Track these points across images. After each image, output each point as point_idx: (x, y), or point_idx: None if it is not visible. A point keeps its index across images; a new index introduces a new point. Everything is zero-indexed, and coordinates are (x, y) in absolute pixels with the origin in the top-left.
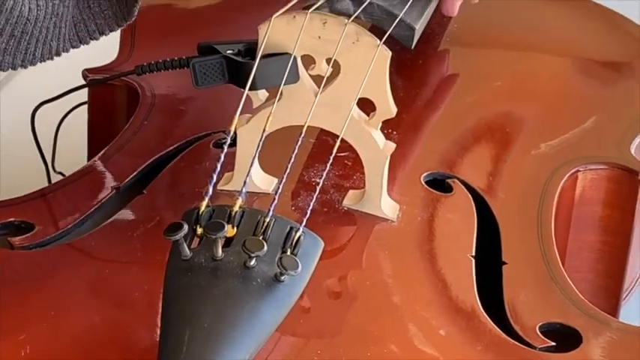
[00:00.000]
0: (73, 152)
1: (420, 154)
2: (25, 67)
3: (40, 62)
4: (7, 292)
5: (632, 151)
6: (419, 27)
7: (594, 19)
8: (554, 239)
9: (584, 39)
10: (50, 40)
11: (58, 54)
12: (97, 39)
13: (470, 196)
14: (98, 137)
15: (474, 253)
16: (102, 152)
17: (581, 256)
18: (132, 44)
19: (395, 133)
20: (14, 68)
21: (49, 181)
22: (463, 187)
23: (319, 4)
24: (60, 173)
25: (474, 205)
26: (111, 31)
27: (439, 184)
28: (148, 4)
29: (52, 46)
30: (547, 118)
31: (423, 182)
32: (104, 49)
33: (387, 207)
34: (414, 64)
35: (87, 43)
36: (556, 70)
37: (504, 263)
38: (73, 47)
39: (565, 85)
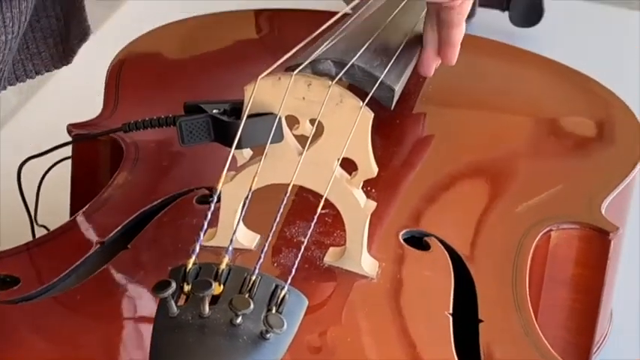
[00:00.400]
0: (57, 206)
1: (398, 212)
2: None
3: None
4: None
5: (603, 212)
6: (398, 88)
7: (563, 81)
8: (528, 297)
9: (555, 100)
10: None
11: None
12: (32, 78)
13: (447, 253)
14: (82, 191)
15: (451, 311)
16: (86, 207)
17: (554, 313)
18: (116, 99)
19: (374, 190)
20: None
21: (33, 234)
22: (440, 245)
23: (303, 65)
24: (43, 226)
25: (450, 262)
26: (47, 71)
27: (417, 241)
28: (134, 57)
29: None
30: (521, 178)
31: (401, 240)
32: (88, 102)
33: (367, 264)
34: (391, 124)
35: (23, 81)
36: (529, 131)
37: (481, 321)
38: (10, 85)
39: (538, 146)
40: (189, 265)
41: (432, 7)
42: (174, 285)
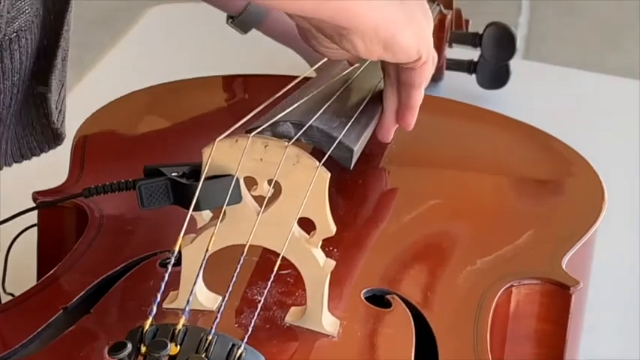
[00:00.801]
0: (24, 272)
1: (360, 271)
2: None
3: None
4: None
5: (564, 266)
6: (357, 148)
7: (526, 139)
8: (489, 353)
9: (518, 158)
10: None
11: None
12: (37, 155)
13: (408, 311)
14: (48, 258)
15: None
16: (50, 272)
17: None
18: (81, 167)
19: (335, 250)
20: None
21: None
22: (402, 302)
23: (261, 127)
24: (10, 294)
25: (412, 320)
26: (50, 149)
27: (379, 299)
28: (99, 126)
29: None
30: (482, 234)
31: (363, 298)
32: (55, 172)
33: (328, 323)
34: (354, 184)
35: (29, 159)
36: (489, 188)
37: None
38: (16, 162)
39: (498, 203)
40: (147, 326)
41: (393, 68)
42: (130, 346)
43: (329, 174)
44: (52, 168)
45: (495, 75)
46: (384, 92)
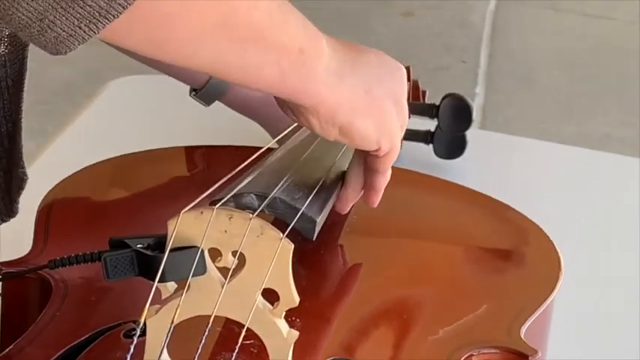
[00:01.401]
0: None
1: (324, 341)
2: None
3: None
4: None
5: (522, 335)
6: (320, 219)
7: (483, 209)
8: None
9: (475, 228)
10: None
11: None
12: None
13: None
14: (11, 329)
15: None
16: (14, 344)
17: None
18: (46, 237)
19: (298, 320)
20: None
21: None
22: None
23: (225, 199)
24: None
25: None
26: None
27: None
28: (62, 197)
29: None
30: (442, 304)
31: None
32: (19, 243)
33: None
34: (316, 254)
35: None
36: (450, 259)
37: None
38: None
39: (458, 272)
40: None
41: (360, 150)
42: None
43: (292, 245)
44: (14, 237)
45: (452, 145)
46: (350, 169)
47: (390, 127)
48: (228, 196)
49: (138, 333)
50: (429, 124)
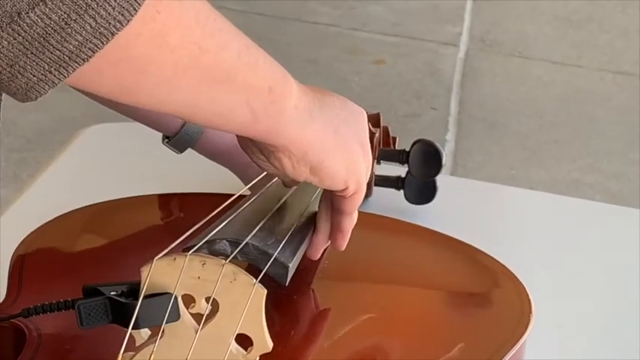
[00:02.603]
0: None
1: None
2: None
3: None
4: None
5: None
6: (292, 265)
7: (454, 253)
8: None
9: (447, 271)
10: None
11: None
12: None
13: None
14: None
15: None
16: None
17: None
18: (19, 286)
19: None
20: None
21: None
22: None
23: (198, 245)
24: None
25: None
26: None
27: None
28: (36, 246)
29: None
30: (414, 347)
31: None
32: None
33: None
34: (289, 299)
35: None
36: (422, 302)
37: None
38: None
39: (429, 316)
40: None
41: (327, 194)
42: None
43: (265, 290)
44: None
45: (422, 191)
46: (318, 213)
47: (357, 167)
48: (201, 243)
49: None
50: (399, 170)
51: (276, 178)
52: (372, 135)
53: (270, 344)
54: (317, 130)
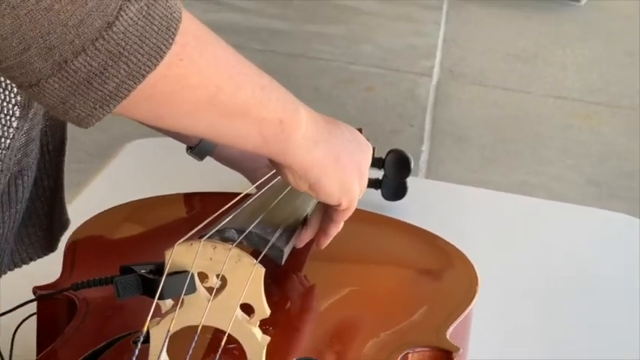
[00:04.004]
0: (26, 351)
1: (291, 344)
2: None
3: None
4: None
5: (448, 336)
6: (287, 249)
7: (418, 239)
8: None
9: (410, 253)
10: None
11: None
12: (27, 264)
13: None
14: (45, 339)
15: None
16: (46, 351)
17: None
18: (72, 267)
19: (270, 328)
20: None
21: None
22: None
23: (211, 233)
24: None
25: None
26: (38, 257)
27: None
28: (85, 234)
29: None
30: (384, 313)
31: None
32: (51, 270)
33: None
34: (284, 276)
35: (19, 267)
36: (391, 277)
37: None
38: (10, 270)
39: (397, 288)
40: None
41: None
42: None
43: (264, 269)
44: (48, 265)
45: (396, 190)
46: (312, 214)
47: (350, 189)
48: (213, 231)
49: (142, 340)
50: (377, 174)
51: (275, 181)
52: None
53: (268, 311)
54: (319, 155)
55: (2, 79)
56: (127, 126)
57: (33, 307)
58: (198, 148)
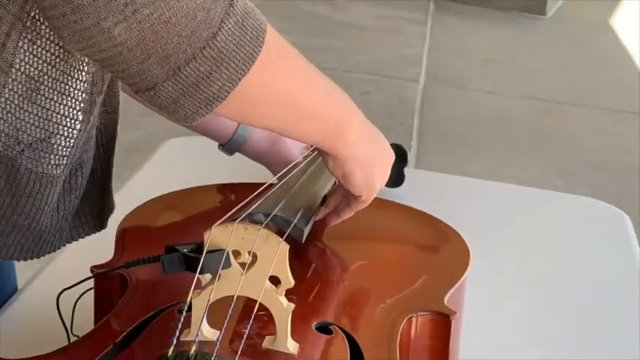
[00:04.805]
0: (85, 321)
1: (312, 310)
2: (38, 258)
3: (45, 255)
4: None
5: (446, 302)
6: (307, 229)
7: (418, 219)
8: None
9: (414, 232)
10: (54, 241)
11: (58, 249)
12: (82, 238)
13: (344, 336)
14: (101, 310)
15: None
16: (103, 320)
17: None
18: (122, 249)
19: (294, 297)
20: (31, 259)
21: (69, 341)
22: (340, 330)
23: (242, 217)
24: (76, 335)
25: (347, 341)
26: (92, 233)
27: (324, 329)
28: (134, 220)
29: (54, 245)
30: (391, 283)
31: (314, 329)
32: (103, 252)
33: (291, 346)
34: (305, 252)
35: (76, 240)
36: (395, 253)
37: None
38: (68, 243)
39: (401, 261)
40: (170, 353)
41: (345, 189)
42: None
43: (288, 246)
44: (100, 247)
45: (396, 178)
46: (333, 195)
47: (374, 186)
48: (244, 215)
49: (186, 309)
50: None
51: (294, 172)
52: None
53: (292, 282)
54: (360, 154)
55: (70, 91)
56: (160, 126)
57: (90, 283)
58: (229, 145)
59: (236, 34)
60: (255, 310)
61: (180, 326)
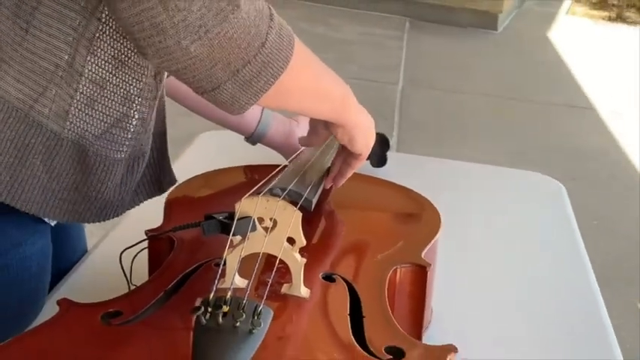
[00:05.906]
0: (141, 273)
1: (319, 263)
2: (104, 221)
3: (109, 219)
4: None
5: (423, 256)
6: (315, 200)
7: (399, 192)
8: (387, 303)
9: (396, 201)
10: (117, 208)
11: (120, 214)
12: (142, 202)
13: (345, 283)
14: (154, 265)
15: (348, 312)
16: (156, 273)
17: (401, 311)
18: (169, 217)
19: (306, 254)
20: (98, 221)
21: (129, 289)
22: (341, 279)
23: (265, 191)
24: (134, 285)
25: (347, 288)
26: (151, 198)
27: (328, 278)
28: (177, 194)
29: (117, 212)
30: (380, 242)
31: (320, 278)
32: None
33: (304, 292)
34: (314, 218)
35: (138, 205)
36: (382, 218)
37: (364, 317)
38: (129, 209)
39: (386, 225)
40: (210, 297)
41: (344, 154)
42: (202, 308)
43: (301, 214)
44: (153, 215)
45: (380, 160)
46: (334, 161)
47: (369, 145)
48: (266, 190)
49: (222, 263)
50: None
51: (301, 157)
52: None
53: (304, 242)
54: (360, 120)
55: (128, 95)
56: (195, 124)
57: (145, 244)
58: (252, 138)
59: (277, 42)
60: (276, 264)
61: (217, 277)
